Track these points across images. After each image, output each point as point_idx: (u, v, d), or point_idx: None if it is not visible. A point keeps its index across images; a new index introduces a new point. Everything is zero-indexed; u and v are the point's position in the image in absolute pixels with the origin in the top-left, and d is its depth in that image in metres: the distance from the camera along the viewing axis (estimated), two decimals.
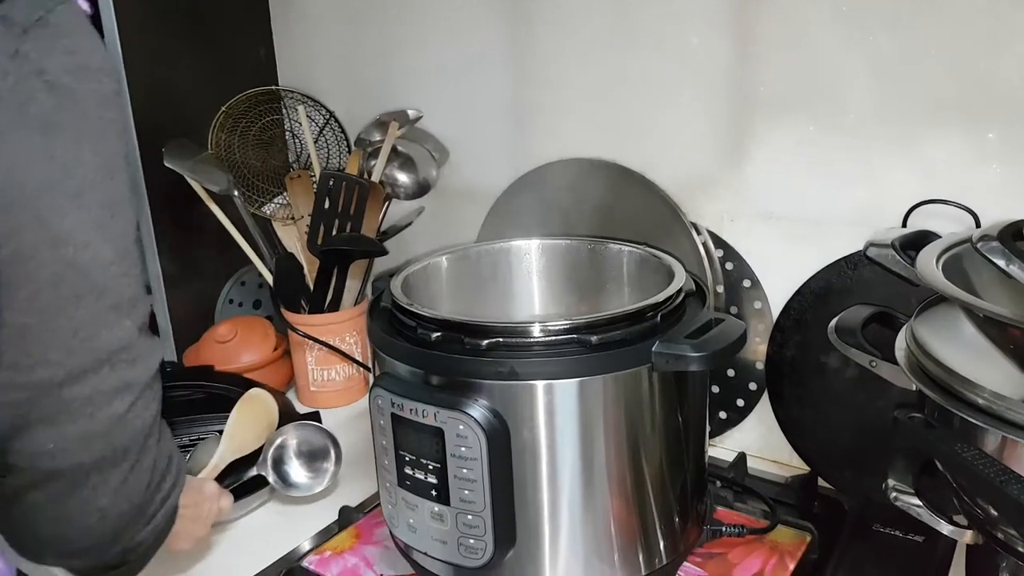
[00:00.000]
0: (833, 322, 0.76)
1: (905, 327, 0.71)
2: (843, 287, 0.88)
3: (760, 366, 0.96)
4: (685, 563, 0.75)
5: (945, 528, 0.68)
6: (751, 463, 0.96)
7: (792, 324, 0.92)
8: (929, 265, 0.64)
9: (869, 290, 0.86)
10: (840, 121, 0.86)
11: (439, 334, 0.63)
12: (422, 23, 1.15)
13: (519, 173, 1.10)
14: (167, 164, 1.09)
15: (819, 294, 0.90)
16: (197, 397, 1.05)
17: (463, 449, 0.61)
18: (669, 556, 0.70)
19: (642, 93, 0.98)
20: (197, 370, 1.13)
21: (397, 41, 1.18)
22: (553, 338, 0.61)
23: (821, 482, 0.92)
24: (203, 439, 0.96)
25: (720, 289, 0.97)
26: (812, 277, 0.91)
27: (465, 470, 0.61)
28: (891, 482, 0.71)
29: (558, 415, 0.61)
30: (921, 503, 0.69)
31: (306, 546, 0.84)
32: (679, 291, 0.68)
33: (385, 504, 0.71)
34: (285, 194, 1.24)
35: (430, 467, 0.63)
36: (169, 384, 1.03)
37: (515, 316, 0.84)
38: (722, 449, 1.01)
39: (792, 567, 0.75)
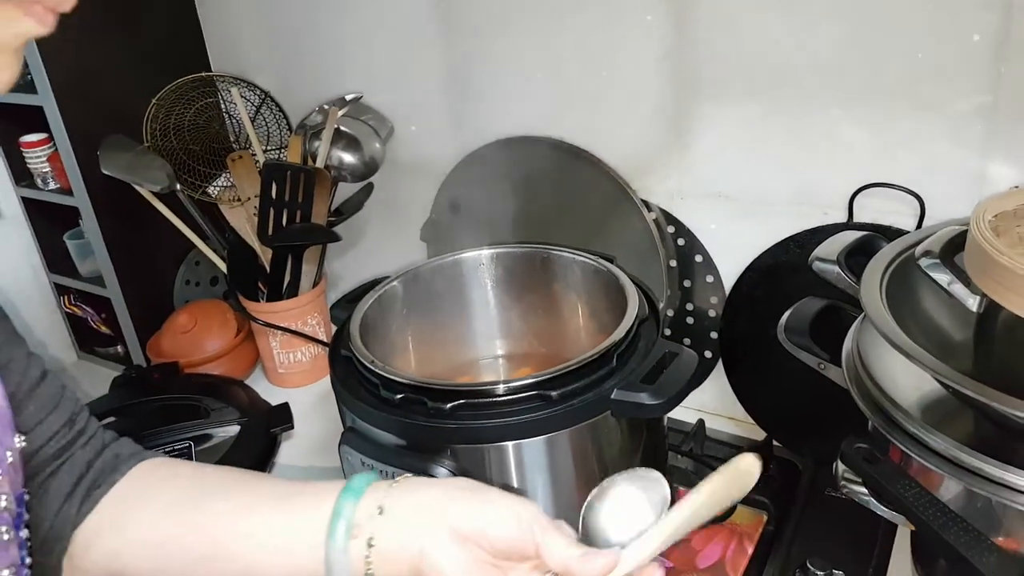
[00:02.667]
0: (783, 319, 0.79)
1: (851, 331, 0.74)
2: (791, 264, 0.90)
3: (714, 335, 1.00)
4: None
5: (893, 518, 0.73)
6: (709, 423, 1.01)
7: (743, 300, 0.95)
8: (873, 294, 0.66)
9: None
10: (784, 103, 0.85)
11: (402, 395, 0.64)
12: None
13: (467, 149, 1.08)
14: (104, 171, 1.05)
15: (768, 271, 0.92)
16: (169, 404, 1.05)
17: None
18: None
19: (586, 71, 0.96)
20: (163, 370, 1.13)
21: (326, 13, 1.12)
22: (516, 396, 0.63)
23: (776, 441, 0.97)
24: (175, 450, 0.98)
25: (673, 264, 0.99)
26: (761, 254, 0.92)
27: None
28: (840, 469, 0.76)
29: (527, 471, 0.64)
30: (868, 493, 0.74)
31: None
32: (633, 323, 0.69)
33: None
34: (228, 174, 1.20)
35: None
36: (136, 400, 1.07)
37: (475, 333, 0.86)
38: (683, 408, 1.05)
39: (751, 551, 0.81)
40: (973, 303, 0.64)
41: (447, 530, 0.47)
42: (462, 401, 0.62)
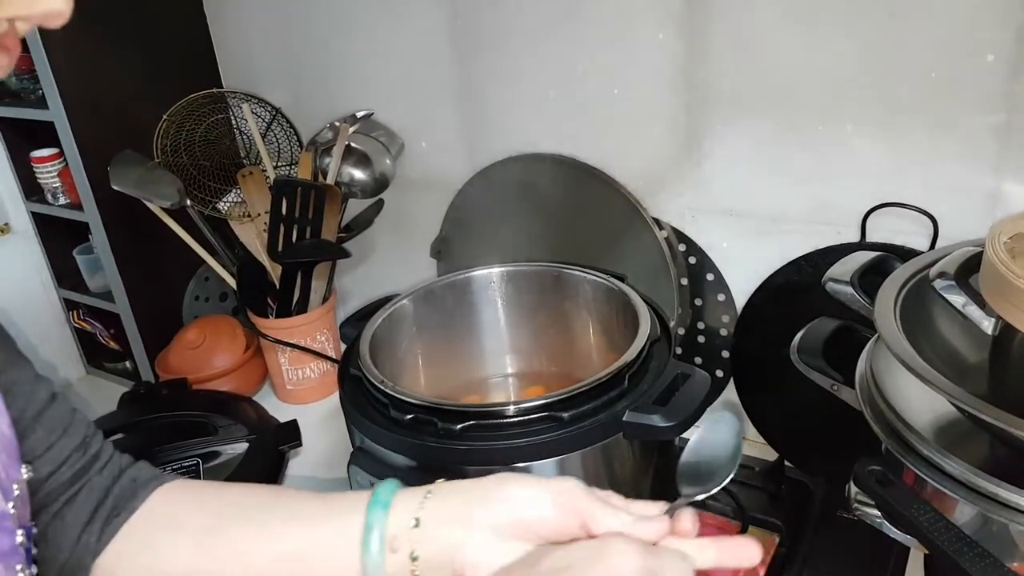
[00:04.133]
0: (796, 340, 0.78)
1: (865, 352, 0.73)
2: (803, 284, 0.90)
3: (726, 354, 0.99)
4: None
5: (907, 541, 0.72)
6: None
7: (755, 319, 0.94)
8: (888, 316, 0.65)
9: None
10: (797, 121, 0.85)
11: (412, 416, 0.64)
12: (360, 10, 1.09)
13: (478, 166, 1.08)
14: (115, 187, 1.05)
15: (780, 290, 0.92)
16: (177, 421, 1.05)
17: None
18: None
19: (597, 88, 0.96)
20: (172, 386, 1.13)
21: (337, 30, 1.13)
22: (527, 417, 0.62)
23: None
24: (183, 467, 0.98)
25: (684, 282, 0.98)
26: (773, 274, 0.92)
27: None
28: (853, 491, 0.75)
29: None
30: (882, 516, 0.73)
31: None
32: (645, 344, 0.69)
33: None
34: (238, 189, 1.21)
35: None
36: (144, 417, 1.06)
37: (485, 351, 0.85)
38: (694, 429, 1.05)
39: (763, 573, 0.80)
40: (988, 325, 0.64)
41: (488, 530, 0.47)
42: (473, 422, 0.62)
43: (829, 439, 0.91)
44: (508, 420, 0.62)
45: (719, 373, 1.01)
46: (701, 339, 1.00)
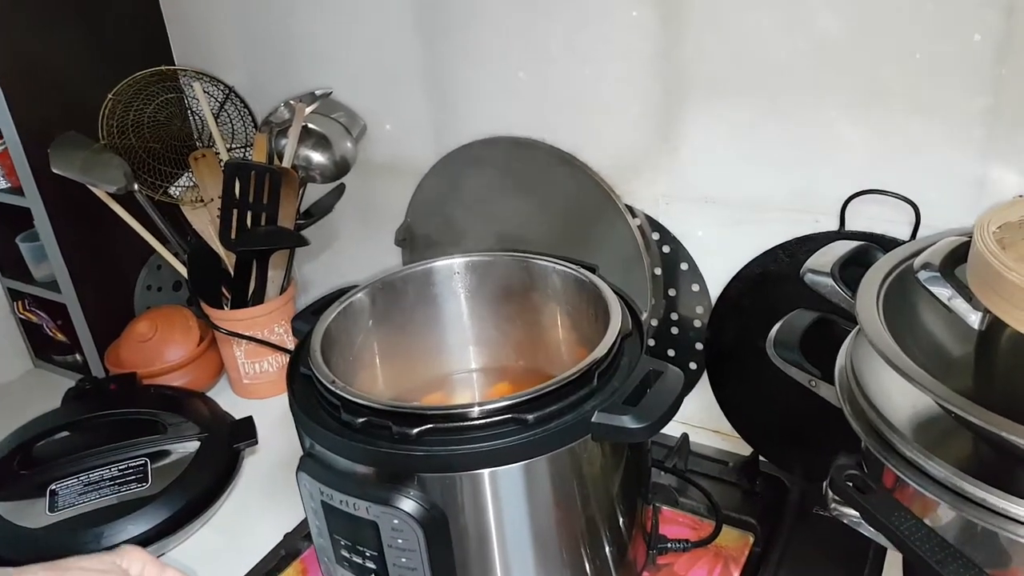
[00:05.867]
0: (772, 333, 0.75)
1: (844, 346, 0.70)
2: (780, 273, 0.86)
3: (699, 346, 0.96)
4: None
5: (885, 543, 0.69)
6: (694, 436, 0.96)
7: (730, 309, 0.91)
8: (870, 310, 0.61)
9: None
10: (778, 104, 0.81)
11: (365, 419, 0.59)
12: None
13: (444, 149, 1.03)
14: (55, 170, 0.99)
15: (756, 280, 0.88)
16: (124, 419, 1.00)
17: (400, 541, 0.59)
18: None
19: (569, 70, 0.91)
20: (120, 381, 1.07)
21: (296, 5, 1.07)
22: (489, 420, 0.58)
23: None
24: (130, 468, 0.93)
25: (658, 272, 0.95)
26: (749, 263, 0.88)
27: (404, 559, 0.59)
28: (830, 493, 0.72)
29: (502, 500, 0.59)
30: (860, 517, 0.70)
31: None
32: (615, 340, 0.64)
33: (325, 571, 0.70)
34: (190, 173, 1.14)
35: (367, 554, 0.61)
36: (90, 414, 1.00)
37: (448, 346, 0.81)
38: None
39: (737, 574, 0.77)
40: (975, 319, 0.61)
41: None
42: (430, 426, 0.58)
43: (806, 434, 0.88)
44: (469, 424, 0.58)
45: (692, 365, 0.97)
46: (675, 331, 0.96)
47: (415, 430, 0.57)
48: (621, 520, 0.67)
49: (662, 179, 0.91)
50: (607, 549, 0.67)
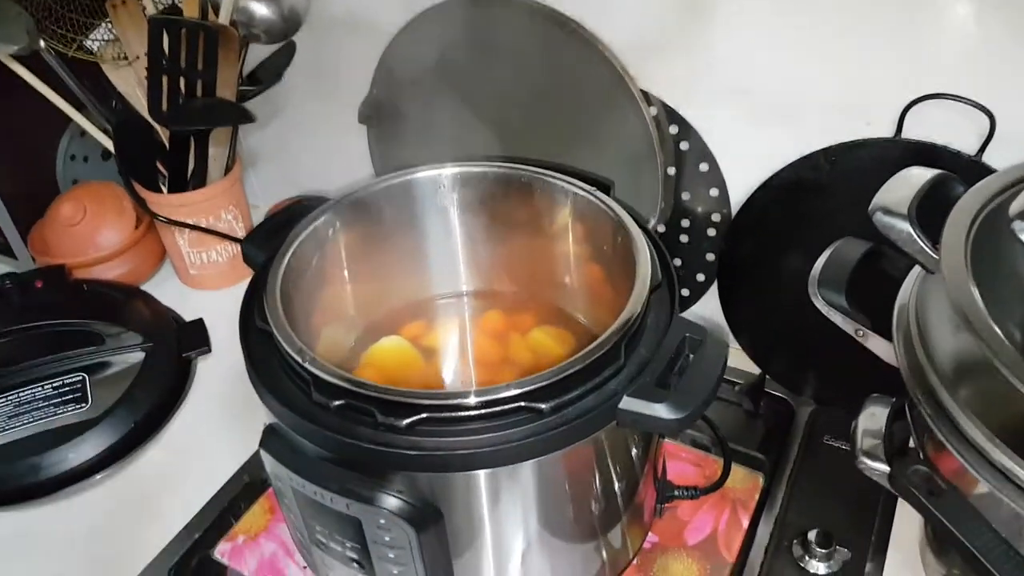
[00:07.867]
0: (815, 270, 0.64)
1: (907, 293, 0.59)
2: (818, 184, 0.74)
3: (711, 257, 0.85)
4: None
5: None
6: None
7: (752, 220, 0.79)
8: (960, 272, 0.50)
9: (849, 190, 0.72)
10: None
11: (342, 402, 0.48)
12: None
13: (419, 5, 0.85)
14: None
15: (789, 189, 0.76)
16: (56, 328, 0.87)
17: (387, 538, 0.49)
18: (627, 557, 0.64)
19: None
20: (47, 276, 0.92)
21: None
22: (495, 409, 0.47)
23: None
24: (67, 383, 0.81)
25: (671, 171, 0.82)
26: (782, 168, 0.75)
27: (392, 554, 0.50)
28: (860, 441, 0.64)
29: (506, 502, 0.50)
30: (895, 474, 0.62)
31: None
32: (646, 297, 0.53)
33: (294, 538, 0.61)
34: (109, 23, 0.94)
35: (348, 545, 0.52)
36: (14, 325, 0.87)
37: (433, 267, 0.68)
38: None
39: (746, 523, 0.71)
40: None
41: None
42: (424, 415, 0.47)
43: (819, 355, 0.80)
44: (471, 414, 0.47)
45: (700, 277, 0.87)
46: (684, 238, 0.85)
47: (405, 421, 0.46)
48: (634, 497, 0.59)
49: (686, 61, 0.75)
50: (624, 521, 0.59)
